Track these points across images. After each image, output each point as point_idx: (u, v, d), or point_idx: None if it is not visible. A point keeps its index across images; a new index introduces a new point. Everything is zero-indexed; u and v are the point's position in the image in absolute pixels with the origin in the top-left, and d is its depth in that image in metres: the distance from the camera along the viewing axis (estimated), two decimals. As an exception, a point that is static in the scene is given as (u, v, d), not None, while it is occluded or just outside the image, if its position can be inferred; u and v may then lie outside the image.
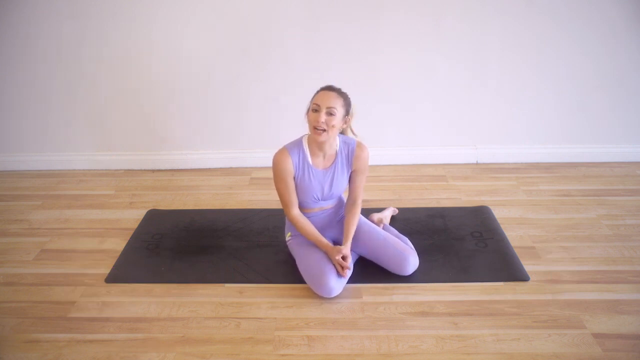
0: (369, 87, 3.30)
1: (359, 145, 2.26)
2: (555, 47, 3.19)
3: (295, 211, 2.27)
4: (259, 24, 3.16)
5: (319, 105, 2.10)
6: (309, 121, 2.15)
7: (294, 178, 2.22)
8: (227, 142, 3.49)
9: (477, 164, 3.49)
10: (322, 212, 2.37)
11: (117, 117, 3.43)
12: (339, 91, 2.17)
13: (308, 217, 2.34)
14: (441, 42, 3.20)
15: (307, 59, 3.22)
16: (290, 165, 2.19)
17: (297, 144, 2.23)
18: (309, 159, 2.22)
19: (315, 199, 2.28)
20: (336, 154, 2.25)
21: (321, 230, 2.36)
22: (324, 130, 2.11)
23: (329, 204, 2.36)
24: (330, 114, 2.09)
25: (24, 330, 2.04)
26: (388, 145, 3.48)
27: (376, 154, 3.48)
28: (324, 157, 2.24)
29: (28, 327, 2.05)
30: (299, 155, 2.21)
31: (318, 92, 2.16)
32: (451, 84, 3.30)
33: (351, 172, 2.31)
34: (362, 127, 3.38)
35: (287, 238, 2.41)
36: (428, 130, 3.45)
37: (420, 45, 3.21)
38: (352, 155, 2.26)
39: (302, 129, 2.29)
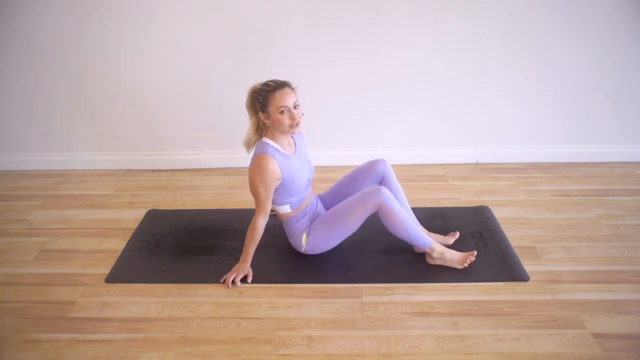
0: (368, 86, 3.30)
1: None
2: (555, 47, 3.19)
3: (264, 220, 2.30)
4: (259, 24, 3.16)
5: (286, 106, 2.16)
6: (281, 122, 2.18)
7: (282, 179, 2.25)
8: (227, 142, 3.48)
9: (477, 164, 3.48)
10: (312, 197, 2.43)
11: (117, 117, 3.42)
12: (290, 84, 2.23)
13: (307, 210, 2.38)
14: (441, 42, 3.19)
15: (307, 58, 3.22)
16: (278, 171, 2.22)
17: (267, 146, 2.25)
18: (284, 152, 2.27)
19: (308, 182, 2.36)
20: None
21: (317, 215, 2.43)
22: (298, 123, 2.20)
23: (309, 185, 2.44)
24: (296, 106, 2.19)
25: (24, 330, 2.04)
26: (388, 145, 3.48)
27: (376, 154, 3.48)
28: (289, 142, 2.33)
29: (28, 327, 2.05)
30: (279, 155, 2.24)
31: (273, 93, 2.17)
32: (451, 84, 3.30)
33: None
34: (362, 127, 3.41)
35: (304, 241, 2.37)
36: (428, 130, 3.44)
37: (420, 45, 3.20)
38: (299, 134, 2.43)
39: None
